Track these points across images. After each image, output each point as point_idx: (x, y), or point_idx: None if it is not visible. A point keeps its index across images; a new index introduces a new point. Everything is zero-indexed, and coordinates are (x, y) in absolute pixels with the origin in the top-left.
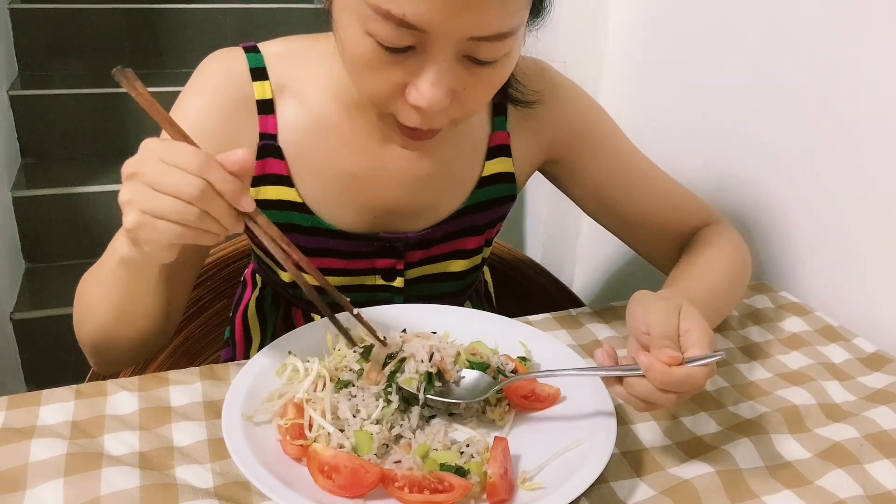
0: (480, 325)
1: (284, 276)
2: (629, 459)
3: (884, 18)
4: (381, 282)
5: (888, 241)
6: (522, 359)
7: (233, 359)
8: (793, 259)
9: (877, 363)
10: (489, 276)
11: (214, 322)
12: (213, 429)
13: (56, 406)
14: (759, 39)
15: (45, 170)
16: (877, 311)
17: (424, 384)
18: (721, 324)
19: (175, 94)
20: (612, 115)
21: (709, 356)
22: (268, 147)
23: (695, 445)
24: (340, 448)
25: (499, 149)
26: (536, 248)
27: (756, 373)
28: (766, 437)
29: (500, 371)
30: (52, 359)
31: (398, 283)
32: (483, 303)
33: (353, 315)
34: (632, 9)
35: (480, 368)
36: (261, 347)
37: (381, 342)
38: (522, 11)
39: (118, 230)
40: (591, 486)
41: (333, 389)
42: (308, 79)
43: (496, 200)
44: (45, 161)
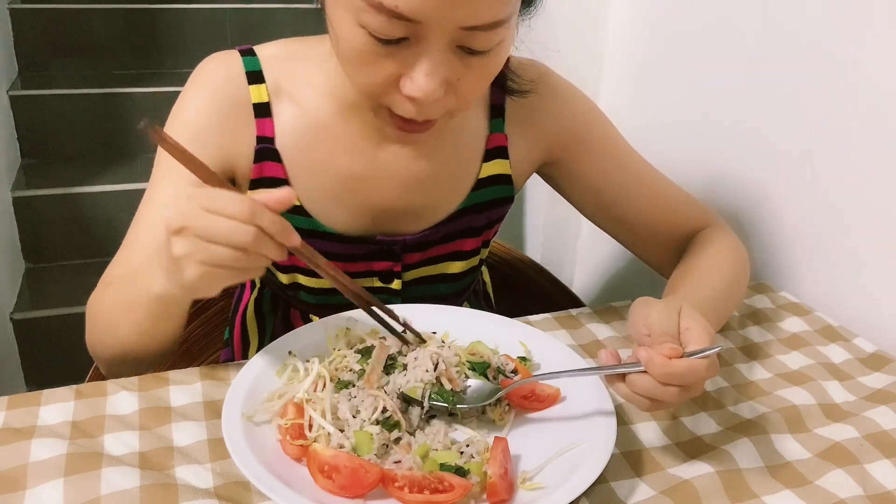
0: (480, 325)
1: (283, 278)
2: (629, 459)
3: (884, 18)
4: (379, 284)
5: (888, 242)
6: (522, 359)
7: (232, 359)
8: (793, 259)
9: (877, 363)
10: (487, 276)
11: (214, 322)
12: (213, 429)
13: (56, 406)
14: (759, 39)
15: (45, 170)
16: (877, 311)
17: (430, 393)
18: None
19: (175, 94)
20: (612, 115)
21: (709, 348)
22: (265, 150)
23: (695, 445)
24: (340, 448)
25: (496, 150)
26: (536, 248)
27: (756, 373)
28: (766, 437)
29: (501, 371)
30: (52, 359)
31: (396, 286)
32: (481, 303)
33: (400, 323)
34: (632, 9)
35: (481, 369)
36: (259, 348)
37: (420, 338)
38: (515, 0)
39: (144, 263)
40: (591, 486)
41: (333, 389)
42: (304, 81)
43: (493, 202)
44: (45, 161)
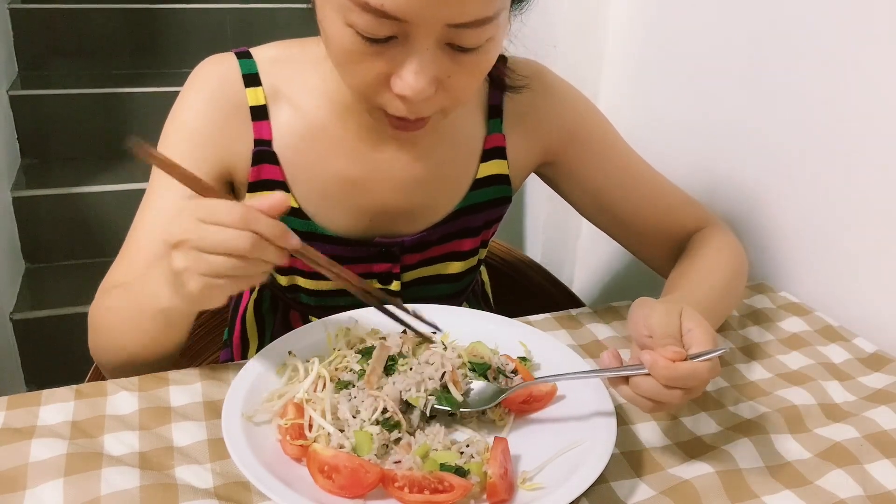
0: (480, 326)
1: (282, 280)
2: (629, 459)
3: (884, 18)
4: (378, 286)
5: (888, 242)
6: (522, 359)
7: (232, 360)
8: (793, 259)
9: (877, 363)
10: (486, 277)
11: (214, 322)
12: (213, 429)
13: (56, 406)
14: (759, 40)
15: (45, 170)
16: (877, 311)
17: (434, 402)
18: (721, 324)
19: (174, 94)
20: (612, 115)
21: (712, 350)
22: (263, 153)
23: (695, 445)
24: (340, 448)
25: (494, 151)
26: (536, 249)
27: (756, 373)
28: (766, 437)
29: (501, 371)
30: (52, 359)
31: (395, 287)
32: (480, 303)
33: (410, 313)
34: (632, 9)
35: (481, 369)
36: (259, 349)
37: (428, 339)
38: None
39: (148, 272)
40: (591, 486)
41: (333, 390)
42: (301, 83)
43: (491, 202)
44: (45, 161)
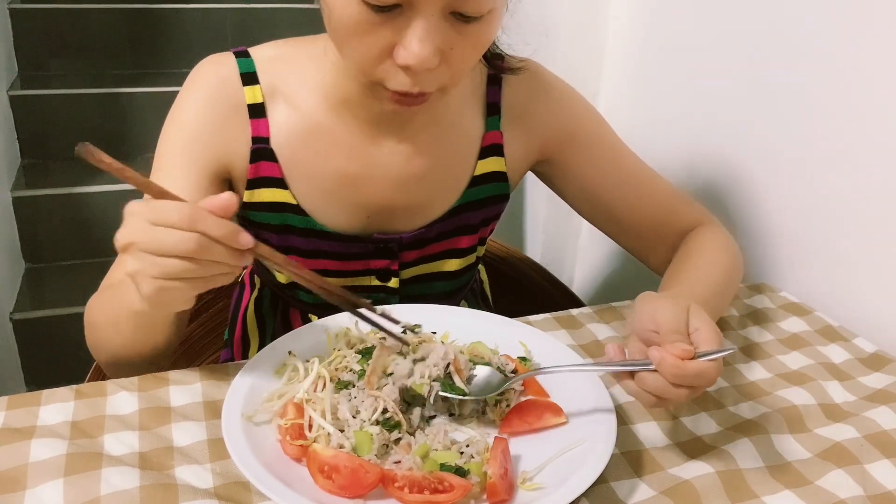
0: (480, 325)
1: (281, 278)
2: (629, 459)
3: (884, 18)
4: (377, 282)
5: (888, 242)
6: (522, 359)
7: (232, 359)
8: (793, 259)
9: (877, 363)
10: (485, 276)
11: (214, 322)
12: (213, 429)
13: (56, 406)
14: (759, 40)
15: (45, 170)
16: (877, 311)
17: (438, 388)
18: (721, 324)
19: (174, 94)
20: (612, 115)
21: (720, 350)
22: (261, 150)
23: (695, 445)
24: (340, 448)
25: (491, 148)
26: (536, 248)
27: (756, 373)
28: (767, 438)
29: (501, 371)
30: (52, 359)
31: (393, 284)
32: (479, 302)
33: (378, 314)
34: (632, 9)
35: None
36: (260, 348)
37: (404, 341)
38: None
39: (122, 272)
40: (591, 486)
41: (333, 390)
42: (299, 81)
43: (488, 199)
44: (45, 161)
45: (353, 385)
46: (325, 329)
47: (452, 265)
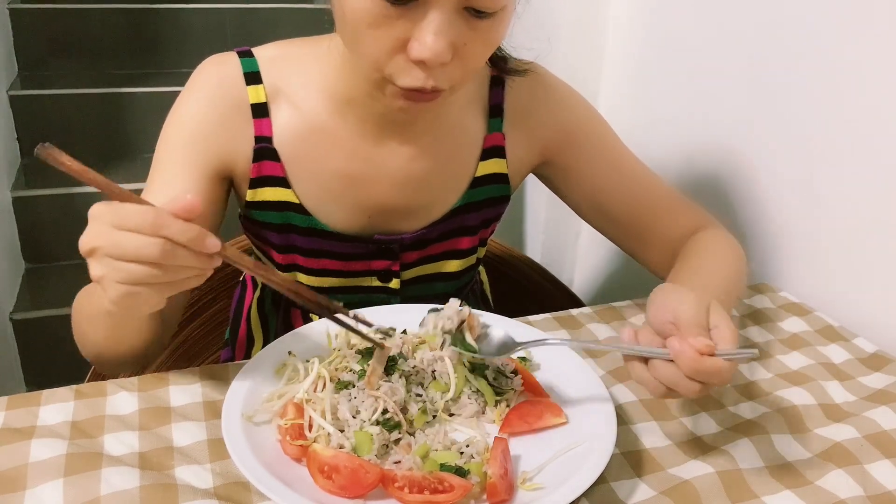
0: None
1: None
2: (629, 459)
3: (884, 18)
4: (378, 283)
5: (889, 241)
6: (522, 359)
7: (232, 359)
8: (793, 259)
9: (877, 363)
10: (485, 277)
11: (213, 323)
12: (213, 429)
13: (56, 406)
14: (759, 39)
15: (45, 170)
16: (877, 311)
17: (450, 339)
18: None
19: (174, 94)
20: (611, 115)
21: (742, 351)
22: (264, 150)
23: (695, 445)
24: (340, 448)
25: (493, 150)
26: (536, 248)
27: (756, 373)
28: (767, 438)
29: (500, 371)
30: (52, 359)
31: (394, 285)
32: (479, 303)
33: (351, 317)
34: (632, 9)
35: (480, 371)
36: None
37: (379, 344)
38: None
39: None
40: (591, 486)
41: (333, 390)
42: (302, 81)
43: (489, 201)
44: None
45: (353, 385)
46: (325, 329)
47: (453, 266)
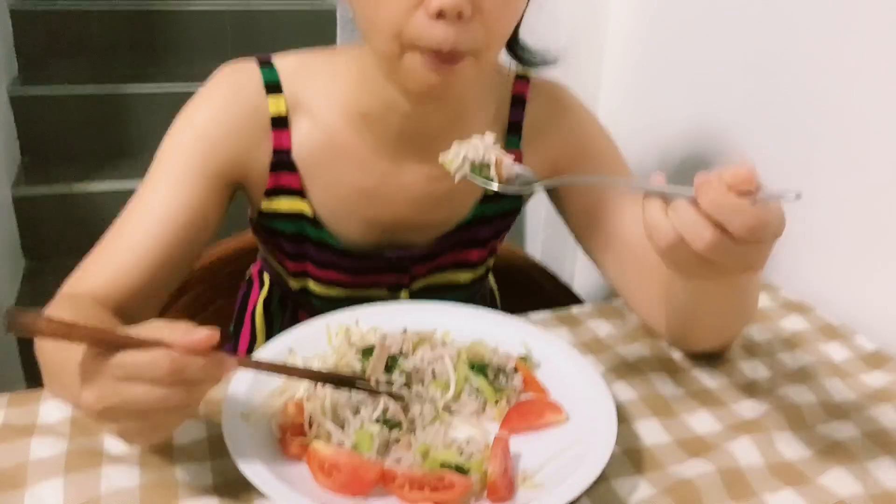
0: (480, 325)
1: (293, 284)
2: (630, 458)
3: (884, 18)
4: (386, 294)
5: (889, 239)
6: (522, 358)
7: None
8: (793, 258)
9: (878, 361)
10: (494, 284)
11: (214, 320)
12: (213, 427)
13: (56, 404)
14: (760, 39)
15: (45, 170)
16: (878, 310)
17: (468, 167)
18: None
19: (174, 94)
20: (612, 117)
21: (780, 193)
22: (281, 161)
23: (695, 444)
24: (341, 446)
25: None
26: (536, 247)
27: (757, 371)
28: (767, 436)
29: (501, 370)
30: None
31: (403, 296)
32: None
33: (374, 385)
34: (632, 9)
35: (480, 370)
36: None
37: (399, 397)
38: None
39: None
40: (592, 485)
41: (334, 388)
42: (322, 95)
43: (501, 214)
44: (45, 161)
45: None
46: (326, 327)
47: (462, 277)
